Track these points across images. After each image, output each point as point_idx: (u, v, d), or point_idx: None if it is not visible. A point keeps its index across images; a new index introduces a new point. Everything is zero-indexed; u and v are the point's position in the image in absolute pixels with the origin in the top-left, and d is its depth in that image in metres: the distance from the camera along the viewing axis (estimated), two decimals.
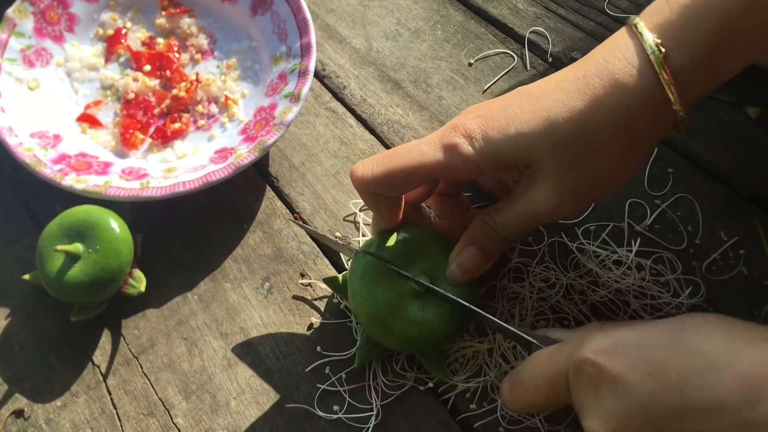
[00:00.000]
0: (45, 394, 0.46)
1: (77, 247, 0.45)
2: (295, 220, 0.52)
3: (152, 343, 0.47)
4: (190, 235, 0.52)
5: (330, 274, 0.49)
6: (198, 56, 0.60)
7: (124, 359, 0.47)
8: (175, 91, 0.57)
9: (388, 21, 0.65)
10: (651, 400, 0.31)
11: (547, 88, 0.38)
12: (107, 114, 0.57)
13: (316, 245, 0.51)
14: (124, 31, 0.61)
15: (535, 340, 0.39)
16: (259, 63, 0.59)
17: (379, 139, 0.57)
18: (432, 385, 0.44)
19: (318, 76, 0.61)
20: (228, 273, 0.50)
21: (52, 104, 0.56)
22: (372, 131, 0.57)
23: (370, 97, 0.59)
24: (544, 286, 0.46)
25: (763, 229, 0.48)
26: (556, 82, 0.38)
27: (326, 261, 0.50)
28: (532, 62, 0.60)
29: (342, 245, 0.46)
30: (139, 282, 0.47)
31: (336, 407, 0.44)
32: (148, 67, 0.58)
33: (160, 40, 0.61)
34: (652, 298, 0.46)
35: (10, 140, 0.51)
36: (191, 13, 0.62)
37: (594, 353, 0.33)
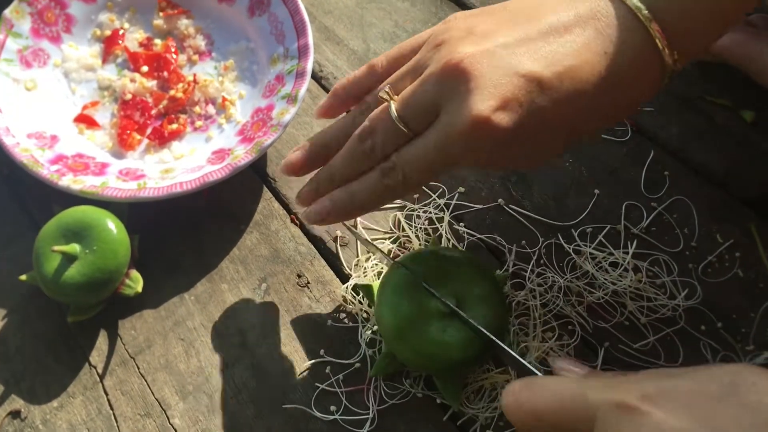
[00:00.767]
0: (41, 395, 0.46)
1: (74, 248, 0.45)
2: (293, 221, 0.52)
3: (149, 343, 0.47)
4: (188, 236, 0.52)
5: (327, 276, 0.49)
6: (195, 57, 0.60)
7: (121, 360, 0.47)
8: (172, 92, 0.57)
9: (386, 23, 0.65)
10: None
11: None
12: (104, 115, 0.57)
13: (313, 246, 0.51)
14: (121, 32, 0.61)
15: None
16: (256, 64, 0.59)
17: None
18: (439, 401, 0.44)
19: (315, 78, 0.61)
20: (225, 274, 0.50)
21: (49, 105, 0.56)
22: None
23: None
24: (545, 291, 0.47)
25: (759, 232, 0.49)
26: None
27: (323, 262, 0.50)
28: None
29: (382, 252, 0.46)
30: (136, 283, 0.47)
31: (333, 408, 0.44)
32: (145, 68, 0.58)
33: (158, 41, 0.61)
34: (649, 300, 0.46)
35: (7, 140, 0.50)
36: (189, 14, 0.62)
37: (639, 396, 0.29)
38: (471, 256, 0.45)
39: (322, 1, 0.67)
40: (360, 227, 0.51)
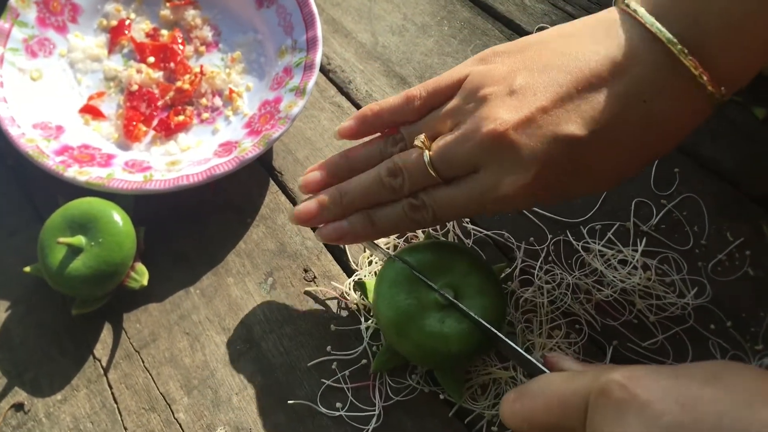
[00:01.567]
0: (45, 388, 0.45)
1: (79, 240, 0.44)
2: None
3: (154, 337, 0.47)
4: (194, 228, 0.52)
5: (334, 271, 0.49)
6: (202, 48, 0.60)
7: (126, 353, 0.47)
8: (179, 84, 0.56)
9: (395, 16, 0.64)
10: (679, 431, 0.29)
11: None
12: (110, 106, 0.56)
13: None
14: (127, 23, 0.60)
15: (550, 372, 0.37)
16: (264, 56, 0.59)
17: None
18: (443, 397, 0.43)
19: (323, 71, 0.61)
20: (231, 267, 0.50)
21: (54, 95, 0.56)
22: None
23: (376, 92, 0.59)
24: (552, 288, 0.46)
25: None
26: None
27: (330, 257, 0.50)
28: None
29: (378, 248, 0.46)
30: (142, 276, 0.47)
31: (339, 404, 0.43)
32: (151, 59, 0.58)
33: (164, 32, 0.60)
34: (658, 298, 0.46)
35: (13, 131, 0.50)
36: (196, 5, 0.61)
37: (625, 377, 0.31)
38: (467, 248, 0.44)
39: None
40: None
